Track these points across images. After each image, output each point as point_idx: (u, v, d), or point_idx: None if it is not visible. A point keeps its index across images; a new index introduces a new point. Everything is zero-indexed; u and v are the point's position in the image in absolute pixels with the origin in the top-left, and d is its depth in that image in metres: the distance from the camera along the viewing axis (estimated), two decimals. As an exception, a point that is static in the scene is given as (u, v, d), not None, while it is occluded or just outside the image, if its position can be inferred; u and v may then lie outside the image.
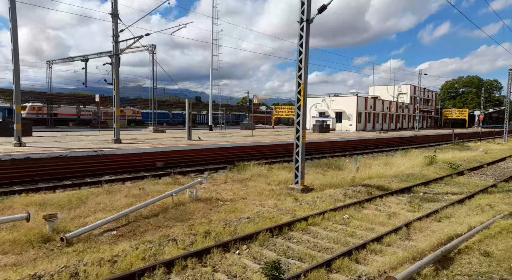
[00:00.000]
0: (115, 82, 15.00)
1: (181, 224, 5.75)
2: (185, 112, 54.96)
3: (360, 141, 26.40)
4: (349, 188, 9.24)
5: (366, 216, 6.89)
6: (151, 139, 17.93)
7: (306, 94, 9.36)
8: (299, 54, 9.25)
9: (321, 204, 7.48)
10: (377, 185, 10.00)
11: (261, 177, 10.58)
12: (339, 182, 10.34)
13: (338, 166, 14.01)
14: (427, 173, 12.61)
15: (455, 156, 18.59)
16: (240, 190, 8.70)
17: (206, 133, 27.96)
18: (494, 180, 12.06)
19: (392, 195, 8.90)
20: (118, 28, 14.30)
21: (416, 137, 33.39)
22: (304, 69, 9.15)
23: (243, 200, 7.76)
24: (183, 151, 14.02)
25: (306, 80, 9.29)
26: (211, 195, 7.86)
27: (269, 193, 8.45)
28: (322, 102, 40.24)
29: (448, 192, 9.72)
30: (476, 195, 9.00)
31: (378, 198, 8.39)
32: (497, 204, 7.90)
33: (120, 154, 11.92)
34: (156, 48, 25.23)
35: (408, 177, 11.63)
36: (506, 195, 8.99)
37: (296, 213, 6.70)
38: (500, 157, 19.28)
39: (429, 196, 9.08)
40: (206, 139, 19.98)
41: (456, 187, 10.54)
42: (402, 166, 14.34)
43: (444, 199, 8.87)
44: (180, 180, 9.21)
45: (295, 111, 9.53)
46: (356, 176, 10.96)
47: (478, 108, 72.01)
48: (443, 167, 14.11)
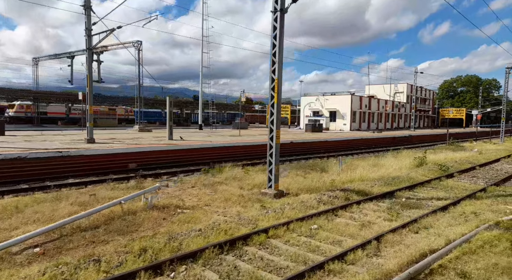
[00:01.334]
0: (88, 78, 14.28)
1: (122, 238, 5.08)
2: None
3: (352, 141, 25.76)
4: (326, 193, 8.58)
5: (337, 226, 6.24)
6: (130, 139, 17.24)
7: (281, 91, 8.69)
8: (272, 47, 8.57)
9: (290, 212, 6.82)
10: (358, 189, 9.35)
11: (235, 181, 9.92)
12: (319, 185, 9.68)
13: (323, 168, 13.35)
14: (415, 176, 11.97)
15: (447, 157, 17.97)
16: (206, 195, 8.03)
17: (194, 132, 27.28)
18: (485, 183, 11.43)
19: (372, 200, 8.25)
20: (91, 21, 13.58)
21: (410, 137, 32.77)
22: (278, 64, 8.47)
23: (206, 207, 7.09)
24: (160, 151, 13.34)
25: (281, 75, 8.62)
26: (171, 201, 7.19)
27: (237, 199, 7.79)
28: (316, 101, 39.56)
29: (433, 197, 9.07)
30: (462, 201, 8.35)
31: (355, 204, 7.73)
32: (483, 212, 7.25)
33: (88, 155, 11.24)
34: (142, 44, 24.52)
35: (393, 180, 10.98)
36: (494, 201, 8.35)
37: (258, 224, 6.03)
38: (495, 158, 18.66)
39: (411, 202, 8.43)
40: (191, 138, 19.31)
41: (443, 191, 9.90)
42: (390, 168, 13.70)
43: (428, 205, 8.23)
44: (143, 184, 8.54)
45: (269, 109, 8.86)
46: (336, 179, 10.31)
47: (476, 107, 71.48)
48: (432, 169, 13.47)
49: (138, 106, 25.42)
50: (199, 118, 31.49)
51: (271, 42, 8.59)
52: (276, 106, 8.61)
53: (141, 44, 24.47)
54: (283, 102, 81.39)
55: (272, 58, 8.61)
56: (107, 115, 43.11)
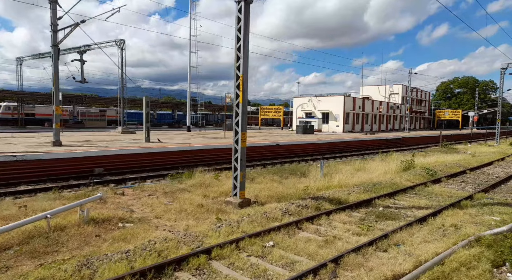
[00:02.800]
0: (54, 76, 13.51)
1: (31, 263, 4.29)
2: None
3: (341, 143, 25.02)
4: (296, 202, 7.82)
5: (296, 242, 5.48)
6: (105, 141, 16.45)
7: (247, 89, 7.94)
8: (237, 40, 7.83)
9: (247, 225, 6.05)
10: (333, 197, 8.60)
11: (202, 187, 9.15)
12: (292, 193, 8.92)
13: (303, 173, 12.61)
14: (399, 181, 11.23)
15: (438, 160, 17.24)
16: (162, 205, 7.26)
17: (180, 134, 26.49)
18: (473, 189, 10.71)
19: (344, 210, 7.49)
20: (57, 15, 12.79)
21: (403, 138, 32.08)
22: (243, 59, 7.73)
23: (154, 220, 6.32)
24: (130, 155, 12.56)
25: (247, 71, 7.87)
26: (116, 213, 6.41)
27: (194, 209, 7.02)
28: (309, 102, 38.83)
29: (414, 205, 8.33)
30: (445, 210, 7.61)
31: (324, 215, 6.98)
32: (464, 224, 6.51)
33: (47, 159, 10.45)
34: (125, 43, 23.76)
35: (374, 186, 10.23)
36: (479, 210, 7.61)
37: (204, 241, 5.26)
38: (488, 161, 17.97)
39: (389, 211, 7.69)
40: (172, 141, 18.52)
41: (426, 198, 9.16)
42: (374, 172, 12.97)
43: (406, 215, 7.48)
44: (94, 192, 7.76)
45: (234, 109, 8.11)
46: (311, 186, 9.55)
47: (473, 109, 70.94)
48: (419, 173, 12.74)
49: (122, 107, 24.61)
50: (187, 119, 30.71)
51: (235, 35, 7.85)
52: (241, 106, 7.87)
53: (124, 43, 23.72)
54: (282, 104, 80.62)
55: (237, 53, 7.86)
56: (96, 116, 42.30)
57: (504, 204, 8.14)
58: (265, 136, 27.43)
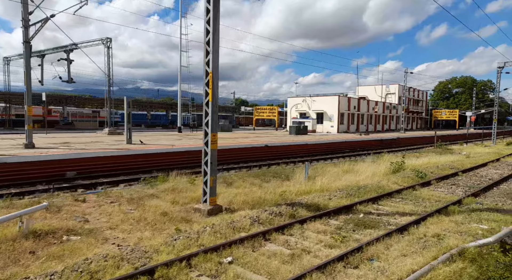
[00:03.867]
0: (26, 75, 12.93)
1: None
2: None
3: (334, 144, 24.48)
4: (270, 209, 7.25)
5: (259, 258, 4.91)
6: (86, 143, 15.85)
7: (217, 86, 7.38)
8: (206, 33, 7.27)
9: (208, 237, 5.48)
10: (312, 202, 8.03)
11: (174, 193, 8.58)
12: (269, 198, 8.35)
13: (287, 175, 12.06)
14: (386, 184, 10.68)
15: (431, 162, 16.71)
16: (121, 214, 6.68)
17: (169, 135, 25.89)
18: (463, 192, 10.16)
19: (321, 218, 6.93)
20: (28, 10, 12.21)
21: (398, 139, 31.56)
22: (213, 53, 7.15)
23: (107, 231, 5.75)
24: (106, 157, 11.98)
25: (217, 67, 7.30)
26: (65, 224, 5.83)
27: (156, 218, 6.45)
28: (303, 102, 38.27)
29: (398, 211, 7.77)
30: (429, 217, 7.05)
31: (297, 224, 6.41)
32: (448, 234, 5.95)
33: (13, 163, 9.87)
34: (111, 41, 23.17)
35: (359, 189, 9.68)
36: (466, 217, 7.06)
37: (153, 258, 4.69)
38: (482, 162, 17.43)
39: (370, 218, 7.13)
40: (158, 142, 17.94)
41: (412, 203, 8.61)
42: (362, 175, 12.41)
43: (388, 223, 6.92)
44: (53, 199, 7.16)
45: (203, 109, 7.55)
46: (290, 191, 8.99)
47: (471, 109, 70.50)
48: (408, 175, 12.20)
49: (109, 108, 24.01)
50: (178, 120, 30.13)
51: (204, 28, 7.28)
52: (211, 105, 7.31)
53: (110, 41, 23.13)
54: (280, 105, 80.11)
55: (206, 47, 7.29)
56: (88, 117, 41.66)
57: (494, 210, 7.59)
58: (257, 136, 26.87)
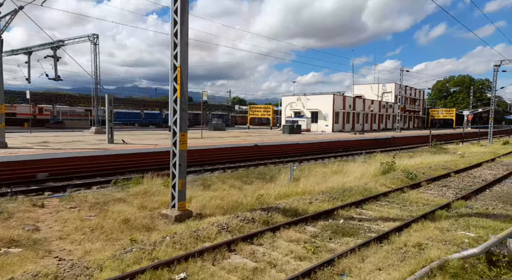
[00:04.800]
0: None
1: None
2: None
3: (327, 143, 23.98)
4: (243, 214, 6.73)
5: (216, 274, 4.39)
6: (67, 142, 15.30)
7: (187, 82, 6.85)
8: (173, 24, 6.73)
9: (165, 249, 4.96)
10: (290, 207, 7.52)
11: (144, 196, 8.06)
12: (247, 202, 7.84)
13: (272, 176, 11.56)
14: (373, 186, 10.18)
15: (423, 162, 16.23)
16: (77, 221, 6.15)
17: (159, 134, 25.34)
18: (454, 195, 9.68)
19: (297, 225, 6.42)
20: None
21: (393, 138, 31.09)
22: (181, 46, 6.62)
23: (56, 242, 5.23)
24: (82, 158, 11.43)
25: (186, 61, 6.76)
26: (11, 233, 5.30)
27: (114, 226, 5.92)
28: (298, 101, 37.75)
29: (381, 217, 7.28)
30: (414, 223, 6.56)
31: (269, 232, 5.90)
32: (431, 243, 5.45)
33: (-22, 164, 9.31)
34: (98, 38, 22.58)
35: (343, 192, 9.17)
36: (453, 223, 6.56)
37: (93, 275, 4.15)
38: (477, 162, 16.98)
39: (350, 225, 6.63)
40: (143, 141, 17.39)
41: (398, 207, 8.11)
42: (350, 176, 11.93)
43: (369, 229, 6.42)
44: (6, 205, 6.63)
45: (171, 106, 7.02)
46: (268, 194, 8.47)
47: (469, 108, 70.13)
48: (398, 177, 11.70)
49: (95, 106, 23.43)
50: (169, 119, 29.48)
51: (172, 18, 6.75)
52: (179, 102, 6.77)
53: (97, 38, 22.54)
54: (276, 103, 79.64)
55: (173, 39, 6.75)
56: (79, 116, 40.99)
57: (483, 215, 7.10)
58: (248, 136, 26.36)
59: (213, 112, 63.88)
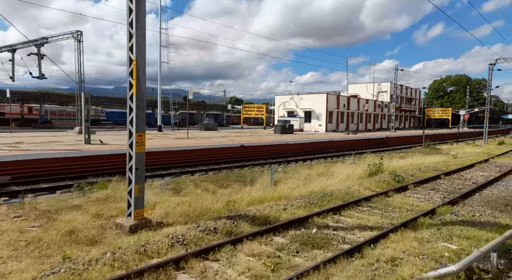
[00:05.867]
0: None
1: None
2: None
3: (319, 143, 23.41)
4: (205, 224, 6.13)
5: (153, 295, 3.79)
6: (43, 143, 14.63)
7: (144, 77, 6.23)
8: (128, 13, 6.11)
9: (101, 269, 4.34)
10: (261, 214, 6.92)
11: (105, 203, 7.44)
12: (216, 208, 7.25)
13: (253, 179, 10.95)
14: (356, 190, 9.60)
15: (414, 163, 15.68)
16: (15, 233, 5.52)
17: (146, 134, 24.61)
18: (441, 199, 9.11)
19: (263, 235, 5.82)
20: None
21: (387, 138, 30.56)
22: (137, 37, 5.99)
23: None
24: (52, 159, 10.80)
25: (144, 54, 6.14)
26: None
27: (54, 239, 5.30)
28: (291, 101, 37.15)
29: (359, 225, 6.69)
30: (392, 233, 5.98)
31: (228, 245, 5.29)
32: (406, 258, 4.87)
33: None
34: (82, 34, 21.87)
35: (323, 196, 8.59)
36: (435, 233, 5.98)
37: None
38: (469, 163, 16.45)
39: (323, 234, 6.03)
40: (123, 142, 16.72)
41: (380, 214, 7.53)
42: (336, 178, 11.37)
43: (343, 240, 5.83)
44: None
45: (127, 104, 6.41)
46: (239, 198, 7.87)
47: (465, 107, 69.76)
48: (385, 179, 11.13)
49: (82, 105, 22.68)
50: (158, 119, 28.89)
51: (127, 7, 6.12)
52: (135, 99, 6.15)
53: (81, 35, 21.83)
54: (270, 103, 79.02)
55: (129, 30, 6.13)
56: (69, 115, 40.17)
57: (469, 223, 6.53)
58: (238, 136, 25.74)
59: (208, 112, 63.25)
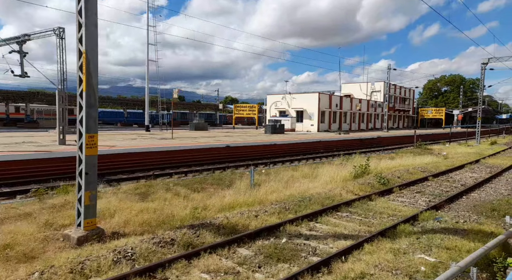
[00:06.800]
0: None
1: None
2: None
3: (309, 144, 22.93)
4: (163, 234, 5.58)
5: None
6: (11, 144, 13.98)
7: (96, 71, 5.65)
8: (77, 0, 5.52)
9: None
10: (228, 222, 6.38)
11: (59, 210, 6.86)
12: (182, 215, 6.69)
13: (232, 182, 10.41)
14: (338, 193, 9.11)
15: (403, 164, 15.25)
16: None
17: (131, 134, 24.01)
18: (426, 203, 8.66)
19: (225, 247, 5.28)
20: None
21: (379, 138, 30.19)
22: (87, 27, 5.40)
23: None
24: (16, 162, 10.16)
25: (96, 45, 5.55)
26: None
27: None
28: (282, 100, 36.65)
29: (335, 233, 6.18)
30: (367, 243, 5.48)
31: (182, 260, 4.75)
32: (378, 274, 4.35)
33: None
34: (64, 31, 21.08)
35: (301, 201, 8.07)
36: (413, 242, 5.49)
37: None
38: (459, 164, 16.06)
39: (293, 244, 5.52)
40: (104, 143, 16.11)
41: (359, 220, 7.03)
42: (320, 180, 10.90)
43: (314, 251, 5.32)
44: None
45: (77, 101, 5.81)
46: (209, 204, 7.33)
47: (459, 107, 69.79)
48: (369, 182, 10.65)
49: (65, 105, 21.97)
50: (146, 118, 28.24)
51: (74, -4, 5.54)
52: (85, 96, 5.55)
53: (63, 31, 21.05)
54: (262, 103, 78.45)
55: (78, 18, 5.53)
56: (55, 115, 39.26)
57: (451, 231, 6.05)
58: (227, 136, 25.19)
59: (201, 112, 62.58)
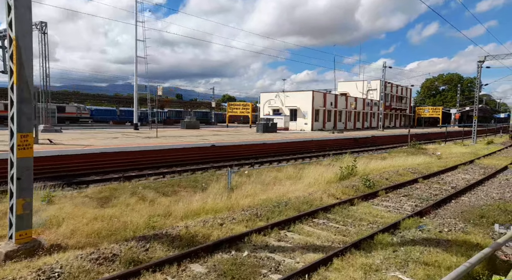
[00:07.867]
0: None
1: None
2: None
3: (300, 143, 22.30)
4: (106, 248, 4.94)
5: None
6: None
7: (30, 62, 4.98)
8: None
9: None
10: (186, 232, 5.73)
11: (4, 218, 6.20)
12: (136, 224, 6.05)
13: (208, 184, 9.77)
14: (319, 197, 8.47)
15: (393, 164, 14.65)
16: None
17: (117, 132, 23.30)
18: (412, 208, 8.05)
19: (173, 264, 4.64)
20: None
21: (373, 137, 29.58)
22: (18, 9, 4.72)
23: None
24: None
25: (28, 32, 4.88)
26: None
27: None
28: (276, 98, 35.99)
29: (306, 244, 5.55)
30: (337, 257, 4.84)
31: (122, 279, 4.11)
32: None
33: None
34: (47, 26, 20.38)
35: (276, 207, 7.44)
36: (389, 257, 4.85)
37: None
38: (453, 164, 15.45)
39: (255, 258, 4.88)
40: (81, 142, 15.43)
41: (335, 228, 6.39)
42: (303, 182, 10.30)
43: (277, 267, 4.68)
44: None
45: (8, 95, 5.15)
46: (172, 210, 6.69)
47: (456, 106, 69.25)
48: (354, 184, 10.03)
49: (46, 102, 21.31)
50: (135, 116, 27.55)
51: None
52: (17, 90, 4.89)
53: (46, 26, 20.35)
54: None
55: (7, 1, 4.87)
56: (50, 113, 38.50)
57: (433, 243, 5.42)
58: (216, 135, 24.52)
59: (195, 110, 61.90)
